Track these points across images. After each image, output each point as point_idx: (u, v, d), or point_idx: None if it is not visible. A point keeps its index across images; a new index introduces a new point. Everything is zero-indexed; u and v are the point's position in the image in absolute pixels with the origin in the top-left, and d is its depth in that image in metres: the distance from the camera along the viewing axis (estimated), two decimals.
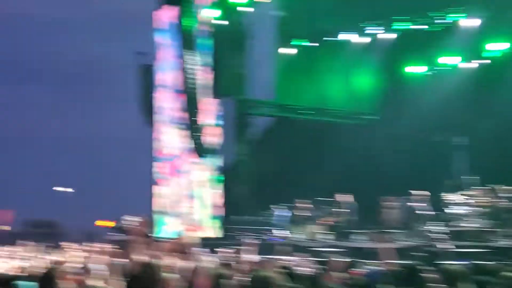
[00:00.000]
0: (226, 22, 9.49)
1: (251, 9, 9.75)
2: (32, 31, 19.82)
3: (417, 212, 7.16)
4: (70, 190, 15.05)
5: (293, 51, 11.19)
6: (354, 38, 10.43)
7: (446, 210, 7.03)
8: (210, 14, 9.37)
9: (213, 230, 8.75)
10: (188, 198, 9.05)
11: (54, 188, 15.15)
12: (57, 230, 13.31)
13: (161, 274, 1.39)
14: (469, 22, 9.49)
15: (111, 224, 10.00)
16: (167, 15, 9.27)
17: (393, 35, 10.18)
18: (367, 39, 10.49)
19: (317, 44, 10.86)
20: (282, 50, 11.21)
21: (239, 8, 9.82)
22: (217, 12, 9.48)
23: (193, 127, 8.84)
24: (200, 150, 8.89)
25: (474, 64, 9.98)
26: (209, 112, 9.18)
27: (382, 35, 10.23)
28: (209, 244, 6.27)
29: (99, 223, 12.61)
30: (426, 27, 9.72)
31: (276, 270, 2.13)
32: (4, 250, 7.24)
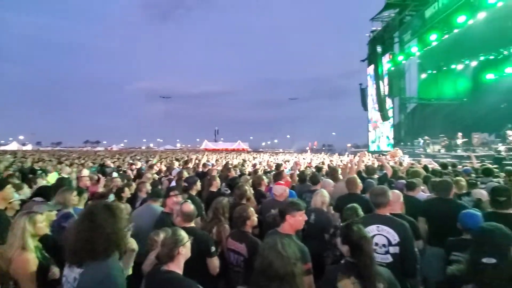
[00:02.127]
0: (393, 68, 23.87)
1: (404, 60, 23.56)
2: None
3: None
4: None
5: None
6: None
7: None
8: (387, 66, 24.06)
9: None
10: None
11: None
12: None
13: None
14: None
15: None
16: (370, 69, 25.09)
17: None
18: None
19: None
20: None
21: (399, 58, 23.86)
22: (389, 64, 24.05)
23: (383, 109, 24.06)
24: (385, 118, 23.98)
25: None
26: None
27: None
28: None
29: None
30: None
31: None
32: None
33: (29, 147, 59.41)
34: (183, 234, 2.03)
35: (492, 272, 1.55)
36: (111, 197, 3.97)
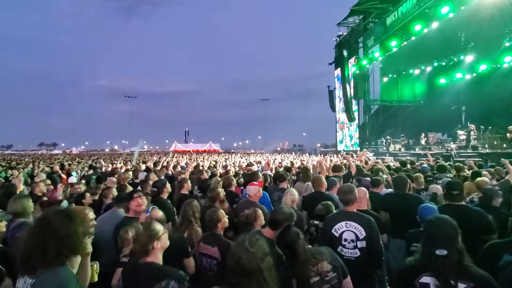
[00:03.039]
0: (358, 71, 25.07)
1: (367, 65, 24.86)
2: None
3: None
4: None
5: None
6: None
7: None
8: (353, 69, 25.19)
9: None
10: None
11: None
12: None
13: None
14: None
15: None
16: (337, 72, 26.09)
17: None
18: None
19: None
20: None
21: (363, 62, 25.10)
22: (355, 68, 25.19)
23: (349, 111, 25.11)
24: (351, 119, 25.06)
25: None
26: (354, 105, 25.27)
27: None
28: None
29: None
30: None
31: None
32: None
33: None
34: (158, 227, 1.96)
35: (444, 262, 1.68)
36: (65, 203, 3.70)
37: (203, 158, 15.35)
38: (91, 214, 2.37)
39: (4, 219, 2.36)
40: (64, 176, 7.64)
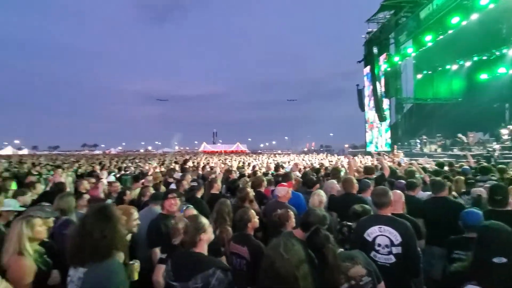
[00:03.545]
0: (389, 69, 24.04)
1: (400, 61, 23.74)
2: None
3: None
4: None
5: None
6: None
7: None
8: (384, 67, 24.23)
9: None
10: None
11: None
12: None
13: None
14: None
15: None
16: (366, 70, 25.25)
17: None
18: None
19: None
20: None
21: (395, 59, 24.03)
22: (386, 65, 24.20)
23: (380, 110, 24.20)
24: (382, 119, 24.12)
25: None
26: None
27: None
28: None
29: None
30: None
31: None
32: None
33: (25, 151, 58.45)
34: (204, 220, 2.10)
35: (502, 271, 1.56)
36: (109, 201, 3.91)
37: (231, 159, 15.57)
38: (135, 213, 2.49)
39: (52, 216, 2.55)
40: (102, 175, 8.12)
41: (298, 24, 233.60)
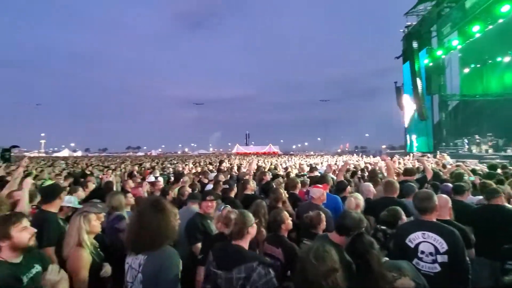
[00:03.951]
0: (431, 64, 22.47)
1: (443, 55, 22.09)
2: None
3: None
4: None
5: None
6: None
7: None
8: (425, 61, 22.74)
9: None
10: None
11: None
12: None
13: None
14: None
15: None
16: (405, 66, 23.92)
17: None
18: None
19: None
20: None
21: (438, 53, 22.43)
22: (427, 60, 22.69)
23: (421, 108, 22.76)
24: (423, 118, 22.65)
25: None
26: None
27: None
28: None
29: None
30: None
31: None
32: None
33: (79, 153, 66.71)
34: (251, 216, 2.20)
35: None
36: None
37: (264, 160, 15.65)
38: (177, 212, 2.64)
39: (103, 212, 2.79)
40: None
41: (331, 23, 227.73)
